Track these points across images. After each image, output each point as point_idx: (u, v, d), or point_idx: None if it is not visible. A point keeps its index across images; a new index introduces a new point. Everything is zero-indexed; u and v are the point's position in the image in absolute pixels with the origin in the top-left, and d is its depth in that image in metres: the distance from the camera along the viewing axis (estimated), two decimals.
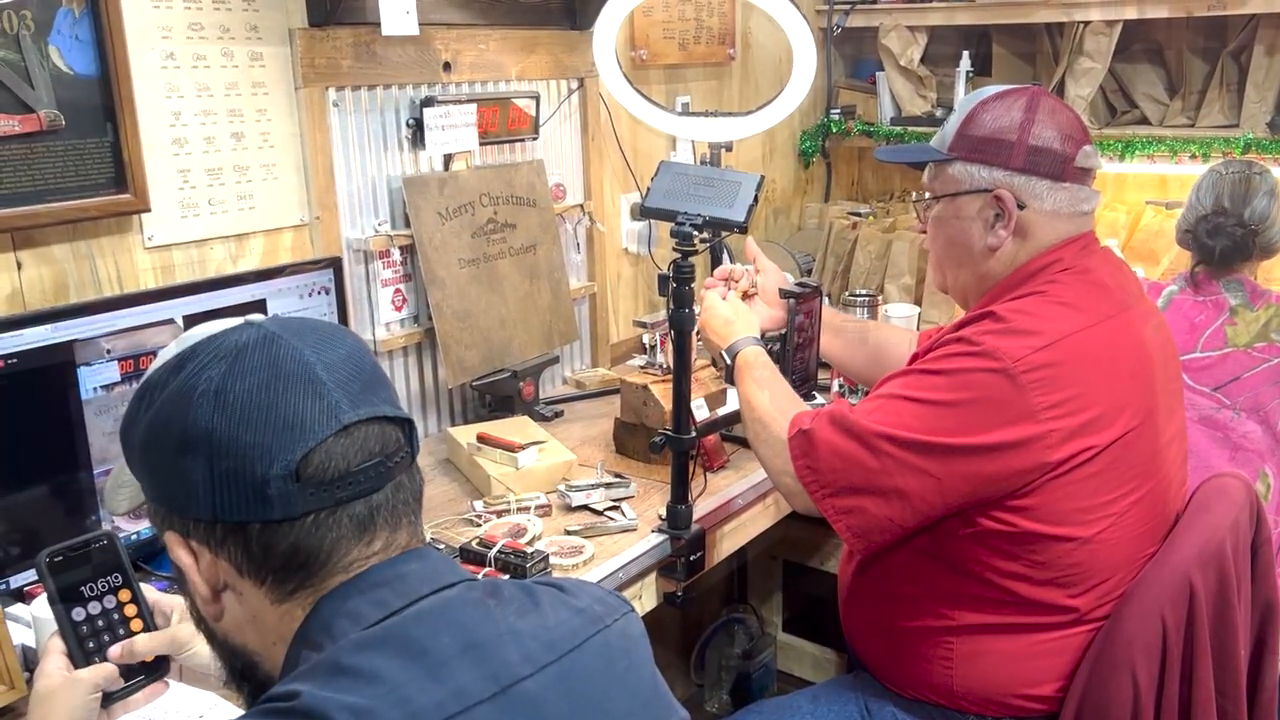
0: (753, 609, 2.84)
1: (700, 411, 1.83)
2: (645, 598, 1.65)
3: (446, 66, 2.07)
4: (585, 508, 1.76)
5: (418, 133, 2.03)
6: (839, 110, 3.23)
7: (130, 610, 0.98)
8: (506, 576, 1.48)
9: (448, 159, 2.10)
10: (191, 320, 1.60)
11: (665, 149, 2.65)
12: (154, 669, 0.98)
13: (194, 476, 0.77)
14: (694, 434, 1.63)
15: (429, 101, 2.02)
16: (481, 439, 1.89)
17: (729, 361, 1.63)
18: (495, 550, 1.52)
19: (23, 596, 1.41)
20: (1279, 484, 2.11)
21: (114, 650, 0.96)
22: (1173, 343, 1.57)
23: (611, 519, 1.73)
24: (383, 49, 1.94)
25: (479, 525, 1.70)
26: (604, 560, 1.60)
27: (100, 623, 0.96)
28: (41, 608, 1.28)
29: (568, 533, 1.68)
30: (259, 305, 1.70)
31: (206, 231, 1.75)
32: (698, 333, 1.66)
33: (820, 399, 2.15)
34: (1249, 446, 2.09)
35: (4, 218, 1.47)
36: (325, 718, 0.69)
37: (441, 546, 1.59)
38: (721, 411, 1.89)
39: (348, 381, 0.80)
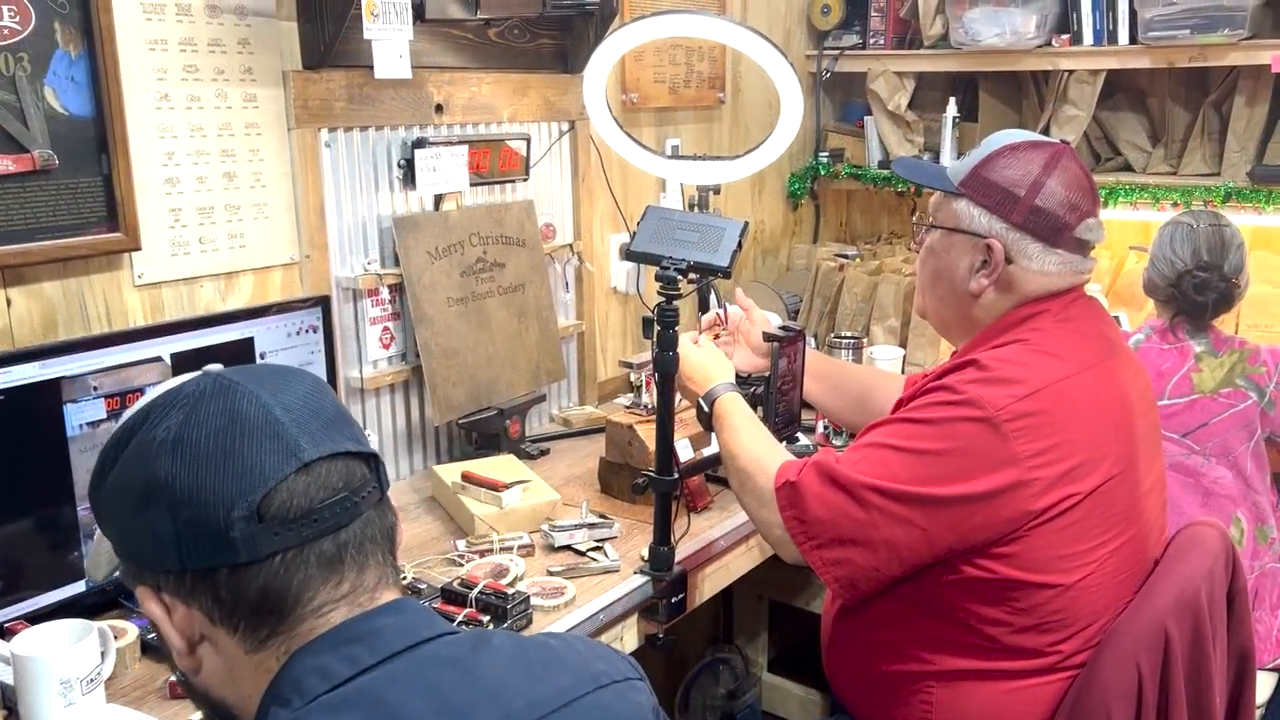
0: (738, 649, 2.83)
1: (685, 452, 1.84)
2: (627, 639, 1.66)
3: (439, 109, 2.10)
4: (568, 548, 1.77)
5: (409, 173, 2.06)
6: (828, 153, 3.27)
7: None
8: (487, 618, 1.48)
9: (438, 199, 2.13)
10: (179, 358, 1.61)
11: (655, 190, 2.68)
12: None
13: (159, 528, 0.77)
14: (677, 475, 1.64)
15: (420, 143, 2.04)
16: (466, 477, 1.90)
17: (706, 409, 1.63)
18: (477, 591, 1.52)
19: (3, 633, 1.41)
20: (1252, 529, 2.12)
21: None
22: (1152, 391, 1.59)
23: (594, 559, 1.73)
24: (375, 91, 1.97)
25: (462, 565, 1.70)
26: (585, 602, 1.60)
27: None
28: (20, 644, 1.28)
29: (550, 573, 1.68)
30: (247, 344, 1.71)
31: (196, 269, 1.76)
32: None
33: (804, 440, 2.16)
34: (1220, 492, 2.10)
35: None
36: None
37: (423, 586, 1.59)
38: (706, 452, 1.90)
39: (307, 420, 0.79)
